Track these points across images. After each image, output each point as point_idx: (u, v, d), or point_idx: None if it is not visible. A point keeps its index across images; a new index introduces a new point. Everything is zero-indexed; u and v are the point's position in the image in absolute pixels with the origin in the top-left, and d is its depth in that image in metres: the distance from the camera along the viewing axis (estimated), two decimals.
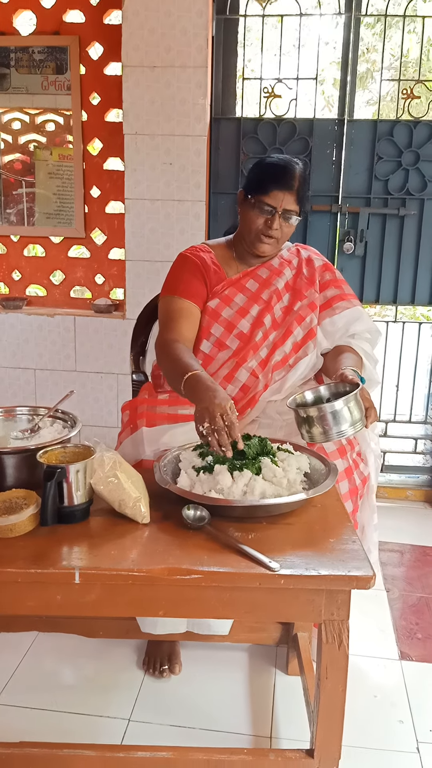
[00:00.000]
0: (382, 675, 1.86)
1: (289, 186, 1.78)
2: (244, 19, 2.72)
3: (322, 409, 1.49)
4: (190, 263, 1.90)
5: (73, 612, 1.24)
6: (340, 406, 1.48)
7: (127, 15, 2.57)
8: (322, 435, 1.50)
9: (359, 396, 1.52)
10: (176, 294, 1.86)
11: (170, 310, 1.84)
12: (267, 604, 1.22)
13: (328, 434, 1.50)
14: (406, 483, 3.05)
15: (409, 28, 2.72)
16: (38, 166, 2.96)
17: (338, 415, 1.48)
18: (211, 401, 1.41)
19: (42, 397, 3.02)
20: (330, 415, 1.48)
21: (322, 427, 1.49)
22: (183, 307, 1.84)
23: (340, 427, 1.49)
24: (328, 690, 1.24)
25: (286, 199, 1.78)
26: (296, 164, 1.82)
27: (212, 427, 1.38)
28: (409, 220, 2.77)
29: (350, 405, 1.49)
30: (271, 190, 1.78)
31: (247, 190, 1.83)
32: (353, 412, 1.50)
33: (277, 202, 1.78)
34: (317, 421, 1.49)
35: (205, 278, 1.88)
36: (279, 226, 1.80)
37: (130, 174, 2.73)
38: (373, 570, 1.17)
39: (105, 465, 1.31)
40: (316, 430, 1.50)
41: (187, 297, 1.85)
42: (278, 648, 1.92)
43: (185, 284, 1.86)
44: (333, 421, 1.48)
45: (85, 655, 1.88)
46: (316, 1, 2.64)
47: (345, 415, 1.49)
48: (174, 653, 1.84)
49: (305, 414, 1.51)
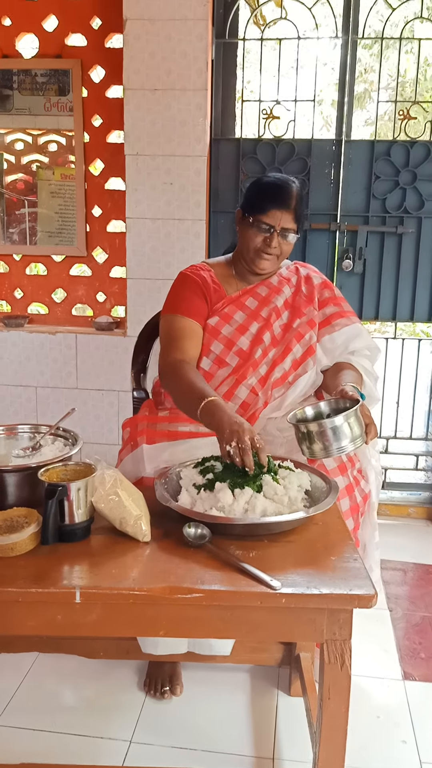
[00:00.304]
0: (385, 695, 1.84)
1: (287, 205, 1.80)
2: (243, 42, 2.76)
3: (322, 424, 1.49)
4: (190, 281, 1.91)
5: (73, 632, 1.23)
6: (341, 421, 1.48)
7: (129, 39, 2.61)
8: (322, 451, 1.50)
9: (359, 412, 1.53)
10: (178, 312, 1.87)
11: (173, 329, 1.85)
12: (268, 624, 1.21)
13: (329, 450, 1.50)
14: (408, 500, 3.04)
15: (405, 49, 2.77)
16: (41, 185, 3.00)
17: (338, 431, 1.48)
18: (241, 425, 1.45)
19: (43, 415, 3.03)
20: (330, 431, 1.48)
21: (322, 442, 1.49)
22: (186, 326, 1.85)
23: (340, 442, 1.49)
24: (330, 711, 1.22)
25: (284, 217, 1.80)
26: (293, 183, 1.84)
27: (241, 445, 1.42)
28: (407, 237, 2.79)
29: (350, 421, 1.49)
30: (269, 210, 1.80)
31: (245, 210, 1.86)
32: (353, 428, 1.50)
33: (275, 221, 1.80)
34: (317, 437, 1.50)
35: (206, 296, 1.89)
36: (278, 244, 1.83)
37: (131, 194, 2.76)
38: (374, 588, 1.16)
39: (106, 483, 1.31)
40: (316, 446, 1.50)
41: (190, 315, 1.86)
42: (280, 669, 1.90)
43: (187, 302, 1.88)
44: (333, 436, 1.49)
45: (85, 676, 1.87)
46: (313, 24, 2.69)
47: (345, 431, 1.49)
48: (175, 674, 1.82)
49: (305, 429, 1.51)
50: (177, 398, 1.73)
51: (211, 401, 1.55)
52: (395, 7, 2.66)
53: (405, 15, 2.76)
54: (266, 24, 2.75)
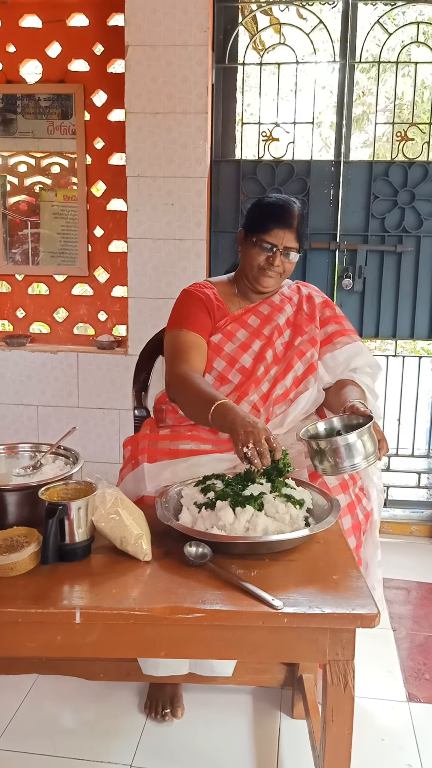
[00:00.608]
0: (390, 717, 1.82)
1: (289, 224, 1.83)
2: (242, 67, 2.81)
3: (336, 441, 1.48)
4: (194, 298, 1.93)
5: (73, 653, 1.23)
6: (354, 438, 1.48)
7: (130, 64, 2.66)
8: (334, 468, 1.50)
9: (372, 428, 1.53)
10: (183, 327, 1.88)
11: (179, 343, 1.86)
12: (270, 644, 1.20)
13: (341, 467, 1.49)
14: (411, 518, 3.02)
15: (402, 72, 2.81)
16: (43, 207, 3.03)
17: (352, 448, 1.48)
18: (255, 426, 1.46)
19: (44, 434, 3.03)
20: (344, 448, 1.48)
21: (334, 459, 1.49)
22: (191, 340, 1.86)
23: (353, 460, 1.48)
24: (333, 733, 1.21)
25: (287, 236, 1.83)
26: (294, 203, 1.87)
27: (258, 448, 1.43)
28: (406, 256, 2.81)
29: (364, 438, 1.49)
30: (272, 229, 1.82)
31: (248, 229, 1.88)
32: (366, 445, 1.49)
33: (278, 240, 1.82)
34: (330, 454, 1.49)
35: (210, 312, 1.91)
36: (280, 263, 1.85)
37: (132, 214, 2.78)
38: (377, 608, 1.16)
39: (106, 502, 1.30)
40: (328, 462, 1.50)
41: (195, 330, 1.87)
42: (283, 690, 1.88)
43: (192, 318, 1.89)
44: (346, 453, 1.48)
45: (85, 699, 1.85)
46: (311, 48, 2.73)
47: (359, 448, 1.48)
48: (176, 696, 1.80)
49: (318, 446, 1.51)
50: (186, 406, 1.74)
51: (221, 403, 1.56)
52: (392, 32, 2.71)
53: (401, 39, 2.81)
54: (265, 49, 2.80)
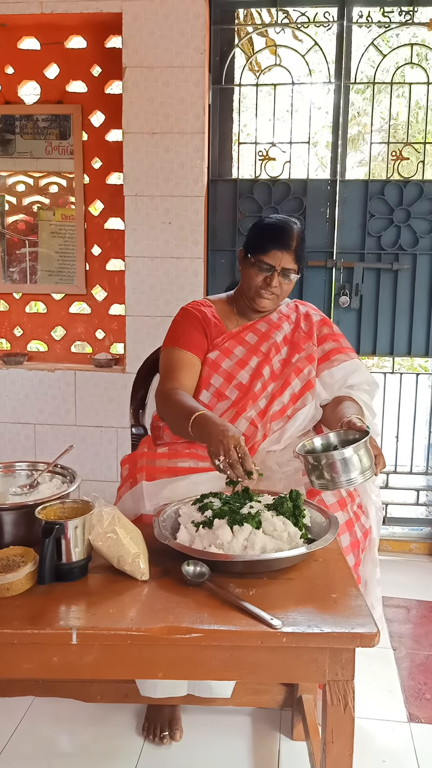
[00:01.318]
0: (391, 738, 1.79)
1: (287, 246, 1.84)
2: (239, 88, 2.84)
3: (332, 456, 1.48)
4: (191, 316, 1.94)
5: (70, 675, 1.21)
6: (350, 453, 1.48)
7: (128, 85, 2.69)
8: (330, 482, 1.49)
9: (368, 443, 1.52)
10: (177, 345, 1.90)
11: (171, 361, 1.89)
12: (269, 664, 1.18)
13: (337, 482, 1.49)
14: (410, 535, 3.00)
15: (397, 93, 2.85)
16: (41, 226, 3.05)
17: (348, 463, 1.48)
18: (224, 435, 1.49)
19: (42, 452, 3.02)
20: (340, 463, 1.48)
21: (331, 474, 1.48)
22: (183, 358, 1.88)
23: (349, 474, 1.48)
24: (333, 755, 1.19)
25: (285, 258, 1.84)
26: (294, 224, 1.89)
27: (227, 460, 1.46)
28: (402, 273, 2.83)
29: (360, 453, 1.49)
30: (270, 250, 1.84)
31: (247, 250, 1.90)
32: (363, 460, 1.49)
33: (276, 261, 1.84)
34: (326, 469, 1.49)
35: (206, 330, 1.93)
36: (278, 284, 1.86)
37: (130, 233, 2.80)
38: (377, 627, 1.14)
39: (104, 520, 1.30)
40: (325, 477, 1.49)
41: (188, 348, 1.89)
42: (282, 711, 1.86)
43: (186, 336, 1.91)
44: (343, 468, 1.48)
45: (82, 721, 1.82)
46: (307, 70, 2.77)
47: (355, 463, 1.48)
48: (175, 719, 1.78)
49: (314, 462, 1.50)
50: (170, 421, 1.78)
51: (199, 415, 1.60)
52: (386, 53, 2.75)
53: (396, 61, 2.85)
54: (261, 70, 2.84)
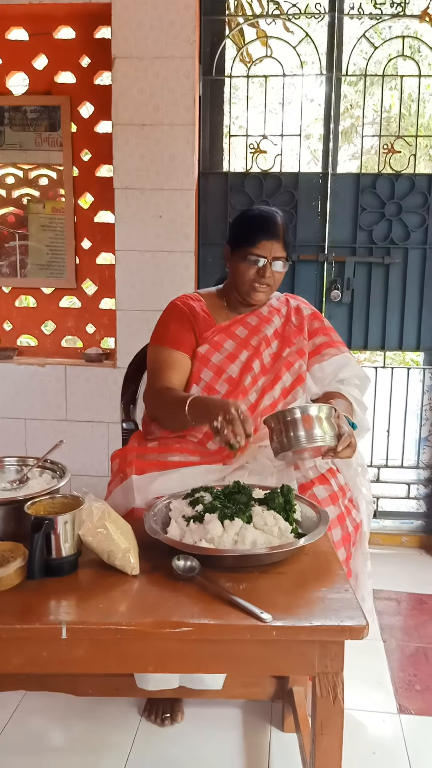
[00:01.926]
0: (381, 730, 1.80)
1: (276, 235, 1.84)
2: (230, 79, 2.82)
3: (293, 411, 1.53)
4: (178, 311, 1.94)
5: (60, 669, 1.21)
6: (314, 411, 1.54)
7: (117, 76, 2.67)
8: (289, 441, 1.53)
9: (333, 417, 1.57)
10: (164, 344, 1.90)
11: (159, 360, 1.89)
12: (259, 657, 1.19)
13: (295, 441, 1.52)
14: (401, 529, 3.02)
15: (389, 85, 2.84)
16: (31, 219, 3.02)
17: (309, 421, 1.52)
18: (224, 402, 1.56)
19: (32, 447, 3.00)
20: (300, 420, 1.52)
21: (291, 433, 1.53)
22: (171, 357, 1.88)
23: (310, 432, 1.52)
24: (323, 747, 1.20)
25: (275, 247, 1.84)
26: (277, 213, 1.90)
27: (228, 416, 1.49)
28: (394, 268, 2.83)
29: (321, 415, 1.54)
30: (259, 241, 1.83)
31: (234, 245, 1.89)
32: (324, 425, 1.54)
33: (266, 251, 1.84)
34: (287, 426, 1.53)
35: (193, 326, 1.92)
36: (271, 274, 1.86)
37: (120, 226, 2.78)
38: (366, 619, 1.15)
39: (94, 515, 1.29)
40: (284, 437, 1.54)
41: (176, 347, 1.88)
42: (273, 703, 1.86)
43: (173, 334, 1.90)
44: (303, 426, 1.52)
45: (73, 715, 1.82)
46: (298, 61, 2.76)
47: (315, 424, 1.53)
48: (177, 701, 1.81)
49: (275, 420, 1.55)
50: (164, 415, 1.80)
51: (195, 397, 1.66)
52: (377, 45, 2.74)
53: (388, 53, 2.84)
54: (252, 62, 2.83)
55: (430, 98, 2.96)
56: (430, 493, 3.00)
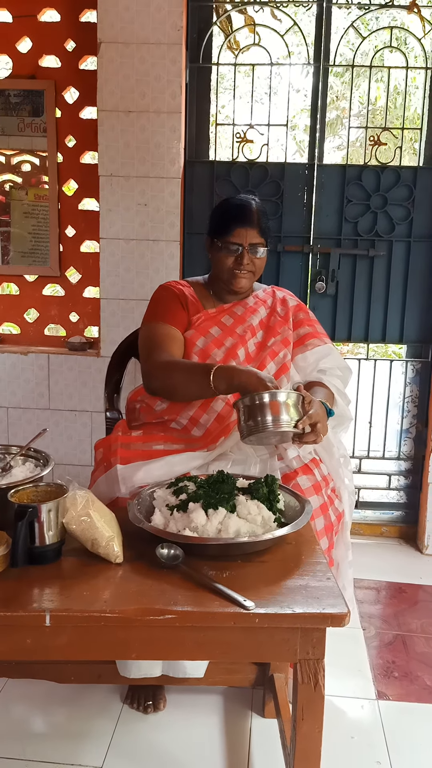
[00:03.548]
0: (359, 715, 1.83)
1: (250, 221, 1.86)
2: (216, 67, 2.81)
3: (261, 395, 1.53)
4: (170, 292, 1.97)
5: (43, 656, 1.21)
6: (283, 396, 1.54)
7: (103, 62, 2.64)
8: (257, 424, 1.53)
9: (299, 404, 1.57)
10: (160, 320, 1.91)
11: (156, 335, 1.88)
12: (242, 644, 1.20)
13: (261, 424, 1.53)
14: (381, 519, 3.05)
15: (376, 77, 2.84)
16: (14, 205, 2.99)
17: (275, 406, 1.53)
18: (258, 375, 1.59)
19: (15, 436, 2.99)
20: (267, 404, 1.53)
21: (258, 416, 1.53)
22: (168, 332, 1.89)
23: (277, 416, 1.53)
24: (304, 732, 1.22)
25: (250, 234, 1.86)
26: (253, 200, 1.93)
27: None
28: (378, 260, 2.85)
29: (289, 400, 1.54)
30: (234, 229, 1.86)
31: (213, 235, 1.93)
32: (290, 410, 1.54)
33: (242, 239, 1.86)
34: (254, 410, 1.54)
35: (184, 306, 1.94)
36: (249, 261, 1.88)
37: (105, 214, 2.76)
38: (347, 607, 1.17)
39: (77, 504, 1.29)
40: (252, 421, 1.54)
41: (171, 323, 1.90)
42: (254, 690, 1.89)
43: (168, 311, 1.92)
44: (270, 410, 1.53)
45: (56, 702, 1.83)
46: (286, 50, 2.75)
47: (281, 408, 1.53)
48: (159, 688, 1.82)
49: (243, 403, 1.55)
50: (179, 386, 1.75)
51: (219, 366, 1.65)
52: (365, 36, 2.74)
53: (375, 44, 2.84)
54: (240, 49, 2.81)
55: (416, 90, 2.97)
56: (411, 484, 3.04)
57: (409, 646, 2.16)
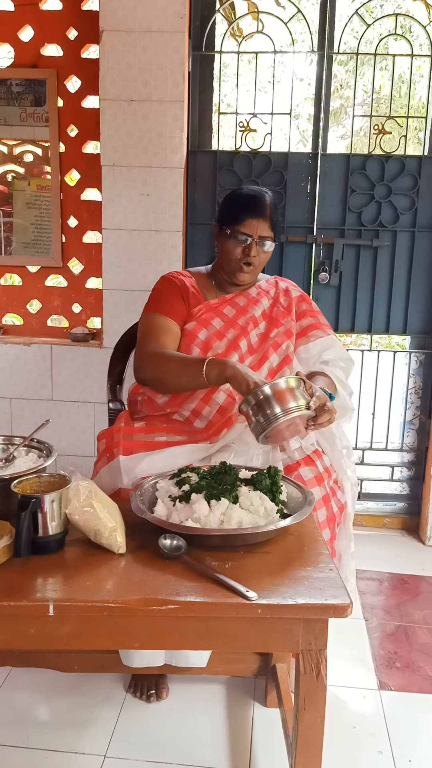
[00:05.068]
0: (361, 705, 1.84)
1: (263, 213, 1.84)
2: (219, 55, 2.78)
3: (264, 390, 1.50)
4: (170, 284, 1.96)
5: (47, 645, 1.22)
6: (282, 384, 1.50)
7: (105, 50, 2.62)
8: (268, 418, 1.50)
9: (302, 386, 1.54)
10: (158, 311, 1.90)
11: (152, 325, 1.89)
12: (244, 635, 1.20)
13: (272, 416, 1.49)
14: (384, 511, 3.06)
15: (380, 65, 2.81)
16: (16, 196, 2.98)
17: (280, 395, 1.50)
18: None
19: (18, 427, 2.99)
20: (271, 395, 1.50)
21: (266, 409, 1.50)
22: (165, 324, 1.88)
23: (284, 405, 1.49)
24: (306, 721, 1.22)
25: (261, 226, 1.84)
26: (266, 193, 1.90)
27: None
28: (382, 250, 2.83)
29: (290, 384, 1.51)
30: (245, 219, 1.84)
31: (222, 222, 1.89)
32: (296, 393, 1.51)
33: (252, 230, 1.83)
34: (263, 405, 1.50)
35: (185, 298, 1.93)
36: (257, 253, 1.86)
37: (107, 204, 2.75)
38: (350, 598, 1.17)
39: (80, 494, 1.29)
40: (262, 416, 1.50)
41: (168, 315, 1.89)
42: (256, 679, 1.90)
43: (166, 303, 1.91)
44: (275, 400, 1.49)
45: (59, 691, 1.84)
46: (289, 38, 2.72)
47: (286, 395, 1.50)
48: (162, 677, 1.83)
49: (249, 401, 1.52)
50: (170, 377, 1.75)
51: (212, 359, 1.65)
52: (370, 23, 2.71)
53: (379, 32, 2.81)
54: (243, 37, 2.78)
55: (421, 79, 2.94)
56: (413, 475, 3.04)
57: (411, 636, 2.17)
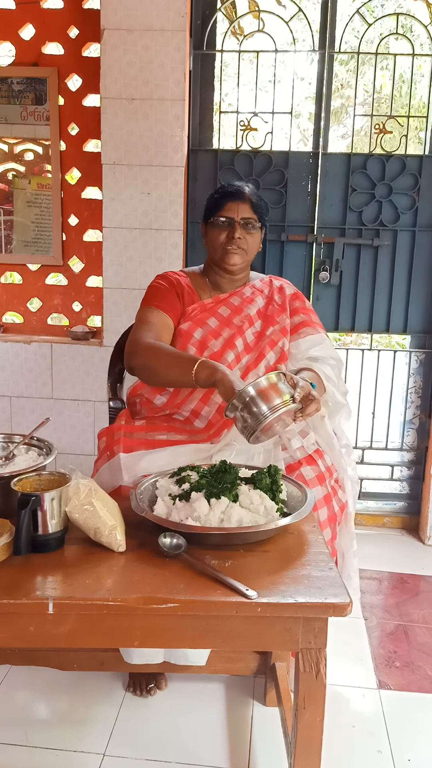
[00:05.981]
0: (361, 704, 1.84)
1: (241, 196, 1.88)
2: (220, 54, 2.78)
3: (246, 390, 1.47)
4: (166, 281, 1.97)
5: (46, 644, 1.22)
6: (263, 382, 1.48)
7: (106, 48, 2.62)
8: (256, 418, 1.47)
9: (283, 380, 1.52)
10: (153, 305, 1.91)
11: (148, 318, 1.89)
12: (244, 633, 1.20)
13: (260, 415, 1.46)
14: (384, 510, 3.06)
15: (381, 65, 2.81)
16: (16, 194, 2.98)
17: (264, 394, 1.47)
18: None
19: (18, 425, 2.99)
20: (255, 395, 1.47)
21: (252, 409, 1.47)
22: (160, 318, 1.89)
23: (269, 404, 1.46)
24: (305, 720, 1.22)
25: (241, 208, 1.88)
26: (247, 185, 1.94)
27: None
28: (383, 250, 2.83)
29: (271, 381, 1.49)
30: (225, 204, 1.88)
31: (206, 219, 1.95)
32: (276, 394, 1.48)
33: (233, 212, 1.88)
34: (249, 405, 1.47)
35: (180, 296, 1.94)
36: (242, 236, 1.88)
37: (108, 203, 2.75)
38: (350, 597, 1.17)
39: (80, 492, 1.29)
40: (249, 417, 1.47)
41: (164, 310, 1.90)
42: (256, 678, 1.90)
43: (161, 298, 1.92)
44: (260, 399, 1.47)
45: (59, 689, 1.84)
46: (290, 37, 2.72)
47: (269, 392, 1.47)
48: (160, 673, 1.84)
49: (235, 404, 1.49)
50: (161, 369, 1.72)
51: (203, 360, 1.62)
52: (371, 23, 2.71)
53: (380, 32, 2.81)
54: (244, 35, 2.78)
55: (421, 78, 2.94)
56: (413, 475, 3.04)
57: (410, 636, 2.17)
